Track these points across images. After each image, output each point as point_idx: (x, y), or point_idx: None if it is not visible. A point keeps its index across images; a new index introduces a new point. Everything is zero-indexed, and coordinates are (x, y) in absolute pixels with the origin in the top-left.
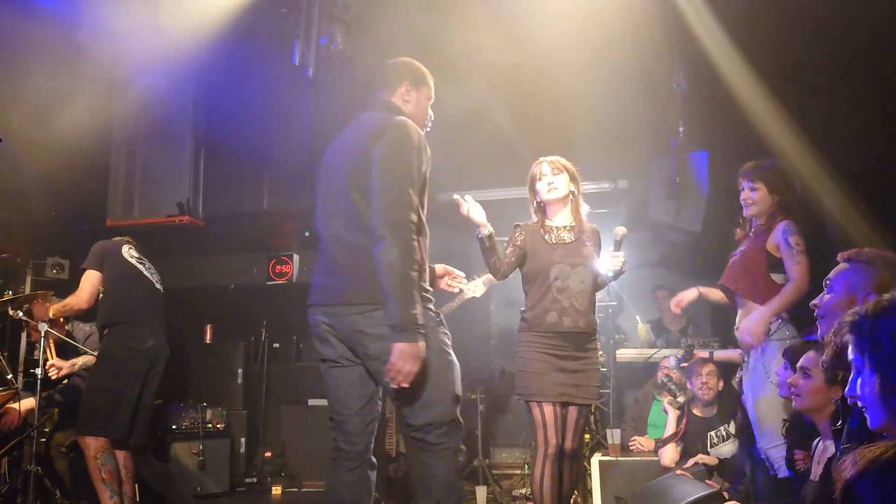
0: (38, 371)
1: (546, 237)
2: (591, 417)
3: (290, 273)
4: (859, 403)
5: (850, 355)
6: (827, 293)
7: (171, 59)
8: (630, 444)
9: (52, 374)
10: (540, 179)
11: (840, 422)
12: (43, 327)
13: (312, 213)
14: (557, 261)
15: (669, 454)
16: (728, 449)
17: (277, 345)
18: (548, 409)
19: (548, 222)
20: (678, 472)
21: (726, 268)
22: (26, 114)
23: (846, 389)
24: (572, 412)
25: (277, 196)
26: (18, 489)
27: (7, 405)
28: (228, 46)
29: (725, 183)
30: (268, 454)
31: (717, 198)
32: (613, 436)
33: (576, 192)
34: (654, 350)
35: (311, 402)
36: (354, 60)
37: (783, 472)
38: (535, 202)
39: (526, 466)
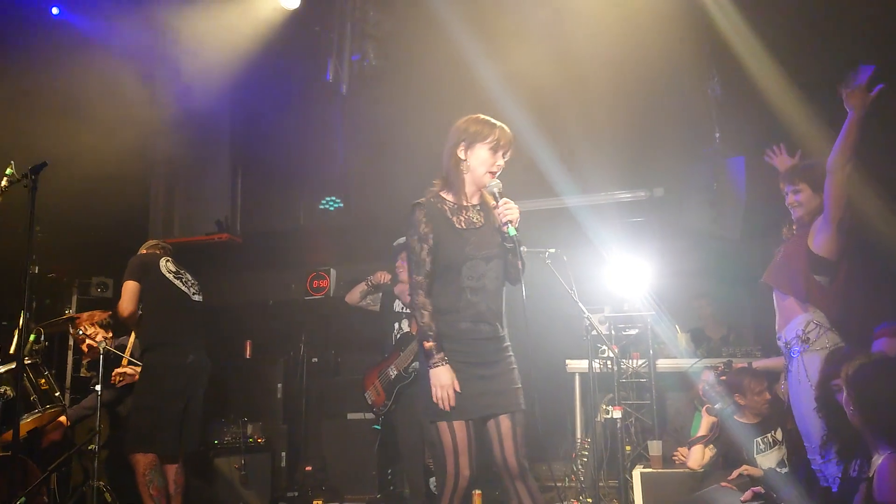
0: (98, 387)
1: (454, 220)
2: (632, 429)
3: (328, 288)
4: None
5: None
6: None
7: (207, 80)
8: (673, 455)
9: (118, 381)
10: (494, 151)
11: None
12: (101, 344)
13: (348, 229)
14: (471, 255)
15: (695, 456)
16: (775, 457)
17: (316, 359)
18: (460, 431)
19: (461, 200)
20: (723, 483)
21: (769, 265)
22: (69, 138)
23: None
24: (505, 423)
25: (313, 212)
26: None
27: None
28: (263, 66)
29: (765, 188)
30: (308, 468)
31: (757, 203)
32: (655, 447)
33: None
34: (695, 360)
35: (351, 416)
36: (387, 76)
37: (838, 487)
38: (460, 166)
39: (566, 479)
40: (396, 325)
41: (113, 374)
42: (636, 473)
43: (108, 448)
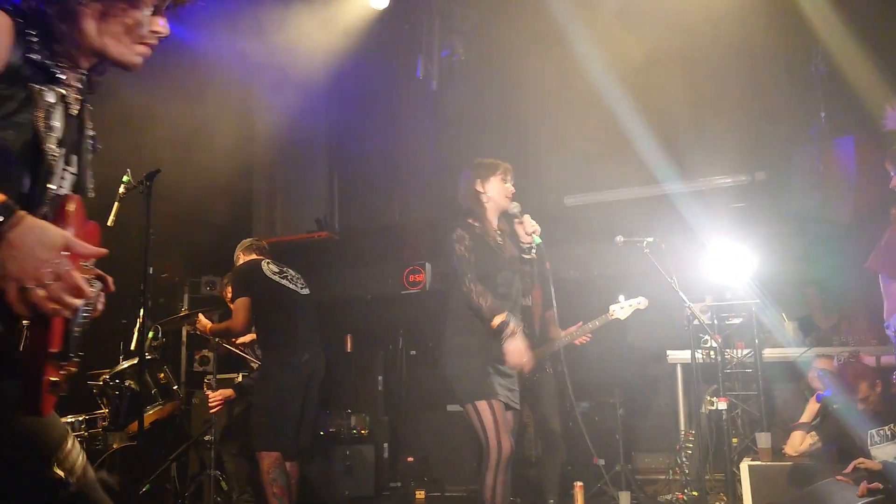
0: (212, 380)
1: (488, 240)
2: (738, 421)
3: (424, 282)
4: None
5: None
6: None
7: (301, 82)
8: (783, 448)
9: (212, 404)
10: (506, 182)
11: None
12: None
13: (441, 223)
14: (504, 266)
15: (793, 442)
16: (893, 450)
17: (414, 352)
18: (499, 409)
19: (486, 225)
20: (838, 477)
21: (874, 248)
22: (178, 146)
23: None
24: (509, 418)
25: (408, 207)
26: (192, 492)
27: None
28: (355, 67)
29: (875, 168)
30: (410, 460)
31: (867, 184)
32: (764, 439)
33: None
34: (804, 349)
35: (450, 408)
36: (476, 69)
37: None
38: (480, 198)
39: (670, 472)
40: None
41: (210, 399)
42: (744, 466)
43: (223, 439)
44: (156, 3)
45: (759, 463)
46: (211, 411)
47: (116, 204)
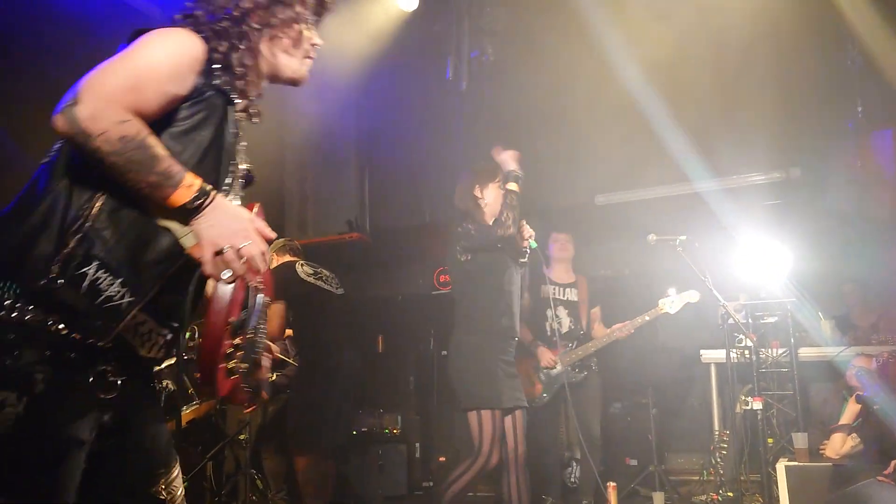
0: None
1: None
2: (774, 421)
3: None
4: None
5: None
6: None
7: (332, 85)
8: (820, 448)
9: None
10: (503, 189)
11: None
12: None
13: None
14: (508, 264)
15: (834, 444)
16: None
17: (445, 352)
18: (497, 419)
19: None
20: (879, 478)
21: None
22: None
23: None
24: (519, 416)
25: (438, 208)
26: (228, 491)
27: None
28: (385, 68)
29: None
30: (442, 459)
31: None
32: (800, 440)
33: None
34: (841, 348)
35: None
36: (505, 70)
37: None
38: (479, 202)
39: (705, 473)
40: (550, 313)
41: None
42: (780, 467)
43: (260, 437)
44: (310, 17)
45: (795, 463)
46: (245, 411)
47: None
